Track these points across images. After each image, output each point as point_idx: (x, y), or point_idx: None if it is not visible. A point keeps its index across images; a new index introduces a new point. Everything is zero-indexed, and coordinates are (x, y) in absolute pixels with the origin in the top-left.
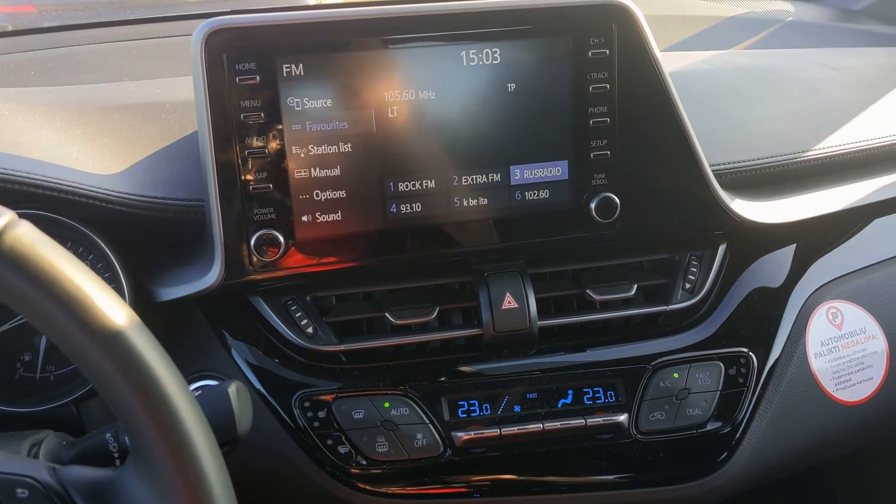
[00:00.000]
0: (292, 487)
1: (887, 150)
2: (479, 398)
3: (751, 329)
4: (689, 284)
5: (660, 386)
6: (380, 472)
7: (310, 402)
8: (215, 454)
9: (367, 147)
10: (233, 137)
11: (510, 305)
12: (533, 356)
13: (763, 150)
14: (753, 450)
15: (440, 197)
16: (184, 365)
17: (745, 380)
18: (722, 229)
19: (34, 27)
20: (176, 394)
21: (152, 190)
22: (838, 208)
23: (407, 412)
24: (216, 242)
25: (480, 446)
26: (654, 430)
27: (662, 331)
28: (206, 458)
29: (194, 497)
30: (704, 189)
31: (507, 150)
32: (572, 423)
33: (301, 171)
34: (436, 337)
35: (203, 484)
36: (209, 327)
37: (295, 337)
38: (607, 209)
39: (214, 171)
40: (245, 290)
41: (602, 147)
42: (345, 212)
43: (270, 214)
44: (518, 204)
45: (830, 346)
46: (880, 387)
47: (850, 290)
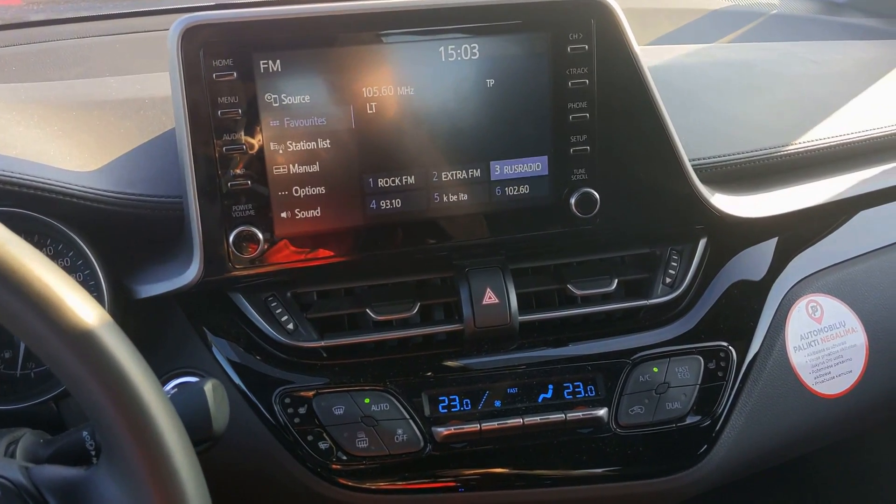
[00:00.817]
0: (274, 484)
1: (868, 143)
2: (460, 393)
3: (730, 323)
4: (669, 279)
5: (639, 380)
6: (361, 468)
7: (290, 398)
8: (188, 453)
9: (346, 143)
10: (210, 134)
11: (491, 301)
12: (514, 351)
13: (743, 145)
14: (733, 443)
15: (420, 193)
16: (164, 362)
17: (724, 374)
18: (702, 224)
19: (17, 21)
20: (147, 392)
21: (130, 187)
22: (819, 202)
23: (387, 407)
24: (195, 239)
25: (461, 441)
26: (634, 424)
27: (642, 325)
28: (178, 456)
29: (166, 496)
30: (684, 184)
31: (486, 145)
32: (552, 418)
33: (279, 168)
34: (416, 332)
35: (175, 483)
36: (189, 324)
37: (275, 333)
38: (587, 204)
39: (192, 167)
40: (225, 286)
41: (582, 142)
42: (324, 208)
43: (249, 211)
44: (498, 199)
45: (810, 340)
46: (859, 380)
47: (830, 284)
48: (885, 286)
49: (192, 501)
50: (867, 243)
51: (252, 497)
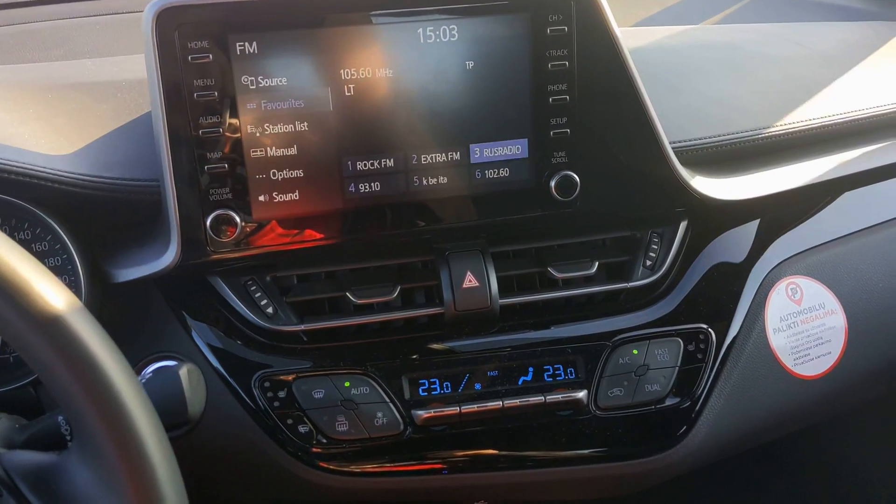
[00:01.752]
0: (255, 468)
1: (851, 125)
2: (440, 376)
3: (710, 305)
4: (649, 262)
5: (619, 362)
6: (341, 451)
7: (270, 382)
8: (159, 436)
9: (324, 126)
10: (187, 117)
11: (471, 284)
12: (495, 334)
13: (725, 127)
14: (712, 425)
15: (399, 176)
16: (143, 346)
17: (703, 355)
18: (683, 206)
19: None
20: (117, 376)
21: (107, 170)
22: (801, 184)
23: (367, 391)
24: (172, 223)
25: (441, 424)
26: (613, 406)
27: (623, 308)
28: (150, 440)
29: (138, 480)
30: (664, 166)
31: (466, 128)
32: (531, 400)
33: (257, 151)
34: (397, 316)
35: (147, 467)
36: (168, 308)
37: (255, 317)
38: (567, 187)
39: (168, 151)
40: (203, 270)
41: (562, 125)
42: (303, 191)
43: (226, 194)
44: (478, 182)
45: (789, 322)
46: (838, 361)
47: (811, 266)
48: (865, 268)
49: (164, 485)
50: (849, 225)
51: (234, 481)
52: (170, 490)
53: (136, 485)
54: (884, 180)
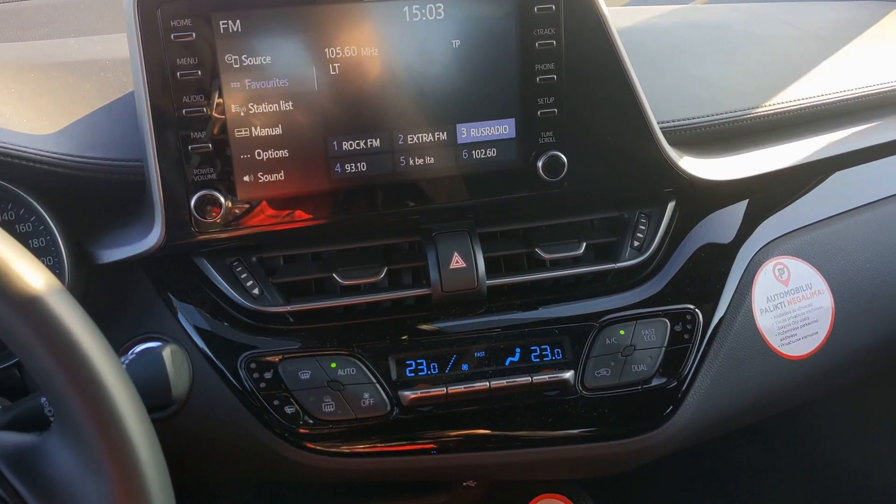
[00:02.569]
0: (241, 450)
1: (842, 104)
2: (427, 357)
3: (697, 286)
4: (637, 242)
5: (606, 343)
6: (328, 432)
7: (256, 363)
8: (141, 417)
9: (309, 105)
10: (170, 96)
11: (458, 265)
12: (482, 315)
13: (713, 107)
14: (698, 405)
15: (385, 156)
16: (129, 327)
17: (690, 336)
18: (670, 187)
19: None
20: (97, 357)
21: (90, 150)
22: (789, 164)
23: (354, 372)
24: (156, 203)
25: (427, 405)
26: (600, 386)
27: (610, 288)
28: (131, 420)
29: (119, 460)
30: (652, 147)
31: (453, 108)
32: (518, 381)
33: (241, 130)
34: (384, 297)
35: (128, 447)
36: (153, 289)
37: (240, 298)
38: (554, 167)
39: (151, 130)
40: (188, 251)
41: (549, 105)
42: (288, 171)
43: (211, 174)
44: (465, 163)
45: (776, 302)
46: (824, 342)
47: (798, 246)
48: (852, 248)
49: (146, 466)
50: (838, 205)
51: (221, 463)
52: (152, 471)
53: (117, 465)
54: (875, 160)
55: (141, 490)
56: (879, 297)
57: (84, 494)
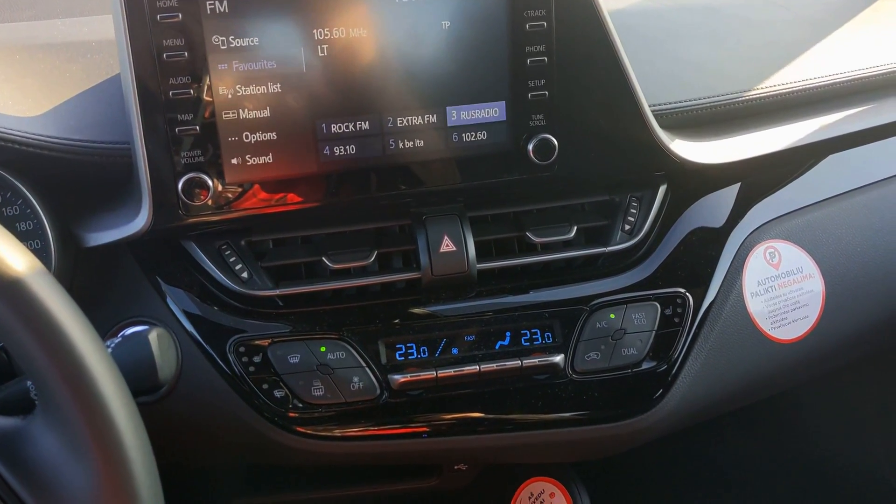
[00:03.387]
0: (231, 434)
1: (834, 88)
2: (417, 341)
3: (688, 270)
4: (628, 226)
5: (596, 326)
6: (317, 416)
7: (245, 346)
8: (125, 399)
9: (297, 87)
10: (156, 78)
11: (448, 248)
12: (472, 299)
13: (705, 90)
14: (688, 388)
15: (374, 139)
16: (117, 310)
17: (680, 319)
18: (662, 170)
19: None
20: (79, 339)
21: (77, 133)
22: (782, 147)
23: (343, 356)
24: (143, 187)
25: (417, 389)
26: (590, 370)
27: (601, 272)
28: (115, 403)
29: (103, 444)
30: (643, 130)
31: (442, 90)
32: (508, 365)
33: (229, 113)
34: (373, 281)
35: (112, 430)
36: (142, 273)
37: (229, 282)
38: (545, 150)
39: (138, 113)
40: (176, 234)
41: (540, 87)
42: (276, 154)
43: (198, 157)
44: (455, 146)
45: (767, 286)
46: (815, 325)
47: (789, 230)
48: (843, 232)
49: (130, 449)
50: (831, 189)
51: (211, 447)
52: (136, 454)
53: (101, 448)
54: (868, 143)
55: (125, 473)
56: (870, 281)
57: (68, 477)
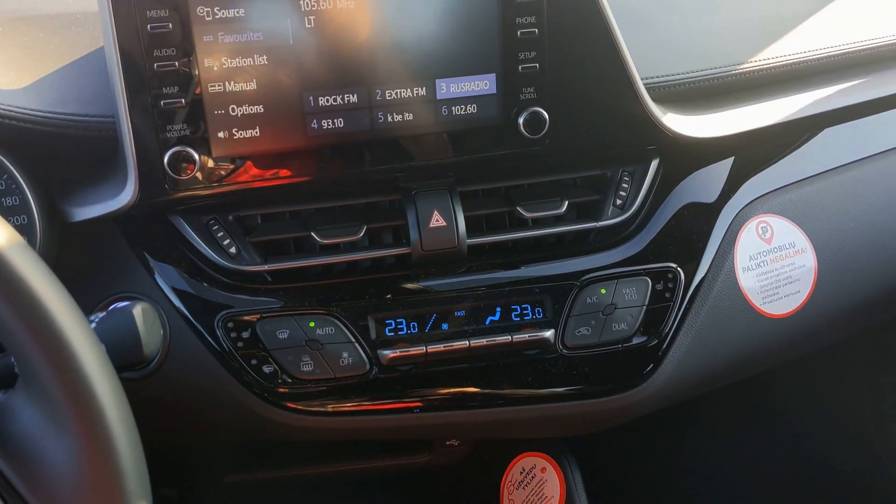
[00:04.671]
0: (221, 410)
1: (829, 61)
2: (407, 317)
3: (680, 244)
4: (619, 201)
5: (587, 301)
6: (307, 392)
7: (233, 322)
8: (107, 373)
9: (284, 60)
10: (140, 50)
11: (438, 223)
12: (462, 274)
13: (699, 63)
14: (679, 363)
15: (363, 112)
16: (105, 286)
17: (671, 294)
18: (654, 144)
19: None
20: (60, 312)
21: (61, 106)
22: (776, 121)
23: (332, 331)
24: (128, 160)
25: (407, 364)
26: (580, 345)
27: (592, 247)
28: (97, 377)
29: (85, 417)
30: (635, 103)
31: (432, 62)
32: (498, 340)
33: (215, 86)
34: (363, 256)
35: (94, 404)
36: (129, 248)
37: (217, 257)
38: (536, 124)
39: (123, 86)
40: (163, 209)
41: (530, 60)
42: (263, 128)
43: (184, 131)
44: (445, 119)
45: (759, 261)
46: (807, 300)
47: (782, 204)
48: (836, 207)
49: (112, 423)
50: (826, 163)
51: (201, 423)
52: (119, 427)
53: (83, 422)
54: (864, 117)
55: (108, 447)
56: (863, 256)
57: (50, 452)
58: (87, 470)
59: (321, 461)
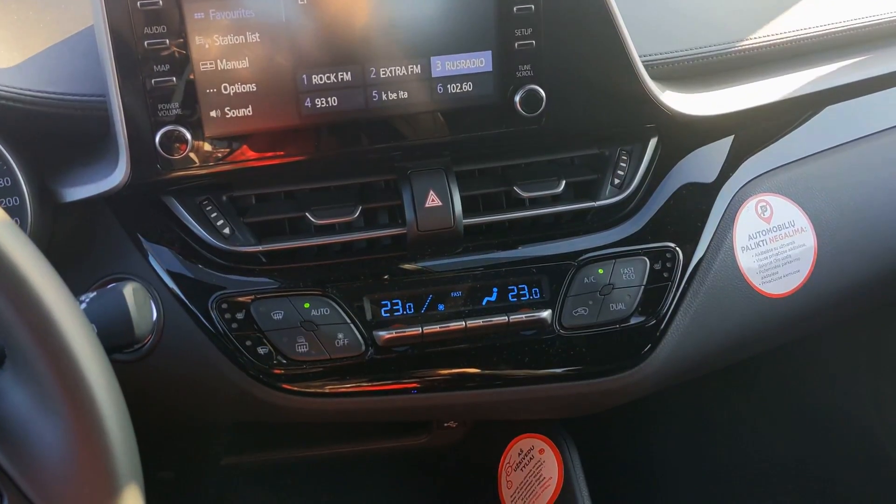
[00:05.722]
0: (216, 392)
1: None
2: (403, 298)
3: (678, 224)
4: (617, 180)
5: (584, 282)
6: (303, 373)
7: (228, 303)
8: (96, 353)
9: (277, 37)
10: (130, 28)
11: (434, 203)
12: (459, 255)
13: (698, 40)
14: (677, 343)
15: (357, 90)
16: (97, 267)
17: (670, 274)
18: (652, 123)
19: None
20: (47, 293)
21: (51, 85)
22: (777, 98)
23: (328, 312)
24: (120, 140)
25: (403, 345)
26: (578, 325)
27: (590, 227)
28: (85, 356)
29: (73, 397)
30: (633, 80)
31: (426, 40)
32: (495, 321)
33: (206, 64)
34: (358, 237)
35: (82, 383)
36: (122, 230)
37: (211, 238)
38: (532, 102)
39: (113, 64)
40: (155, 189)
41: (527, 37)
42: (256, 107)
43: (176, 110)
44: (440, 98)
45: (758, 240)
46: (806, 280)
47: (782, 183)
48: (836, 185)
49: (102, 403)
50: (828, 141)
51: (197, 406)
52: (109, 408)
53: (71, 401)
54: (867, 94)
55: (97, 427)
56: (863, 235)
57: (39, 432)
58: (75, 450)
59: (319, 443)
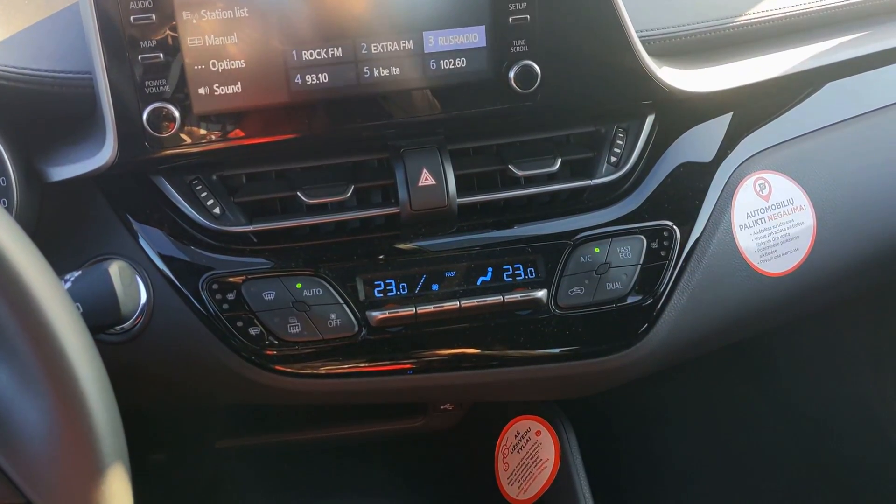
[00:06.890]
0: (209, 374)
1: (829, 13)
2: (396, 278)
3: (676, 202)
4: (614, 158)
5: (580, 261)
6: (295, 354)
7: (218, 284)
8: (79, 332)
9: (266, 12)
10: (116, 3)
11: (427, 182)
12: (453, 234)
13: (696, 15)
14: (674, 322)
15: (349, 67)
16: (86, 248)
17: (667, 253)
18: (649, 99)
19: None
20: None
21: (36, 62)
22: (776, 75)
23: (320, 293)
24: (107, 118)
25: (396, 325)
26: (574, 305)
27: (586, 206)
28: (68, 336)
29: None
30: (630, 56)
31: (419, 14)
32: (490, 301)
33: (194, 39)
34: (350, 216)
35: (65, 363)
36: (111, 210)
37: (201, 218)
38: (527, 78)
39: (98, 40)
40: (144, 168)
41: (521, 11)
42: (245, 83)
43: (163, 87)
44: (433, 74)
45: (756, 218)
46: (805, 258)
47: (780, 161)
48: (836, 163)
49: (85, 382)
50: (828, 118)
51: (187, 387)
52: (92, 387)
53: (54, 381)
54: (868, 71)
55: (80, 406)
56: (863, 214)
57: (22, 412)
58: (58, 430)
59: (314, 426)
